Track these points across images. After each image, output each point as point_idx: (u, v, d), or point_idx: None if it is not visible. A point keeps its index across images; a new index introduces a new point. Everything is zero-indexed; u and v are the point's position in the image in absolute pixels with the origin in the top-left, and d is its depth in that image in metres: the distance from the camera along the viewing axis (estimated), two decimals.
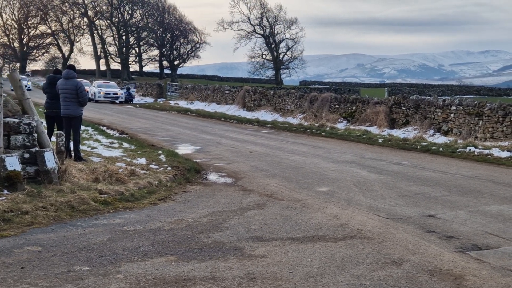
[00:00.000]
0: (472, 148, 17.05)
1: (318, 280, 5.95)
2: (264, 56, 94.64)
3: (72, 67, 14.28)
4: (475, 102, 20.12)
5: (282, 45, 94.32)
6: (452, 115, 20.81)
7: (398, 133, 21.96)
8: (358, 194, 10.82)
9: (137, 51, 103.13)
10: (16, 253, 6.81)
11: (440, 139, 20.02)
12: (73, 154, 13.50)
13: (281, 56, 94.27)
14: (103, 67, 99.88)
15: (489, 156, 16.05)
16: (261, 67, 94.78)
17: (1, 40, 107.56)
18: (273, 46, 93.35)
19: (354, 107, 26.35)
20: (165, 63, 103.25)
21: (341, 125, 25.31)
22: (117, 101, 46.49)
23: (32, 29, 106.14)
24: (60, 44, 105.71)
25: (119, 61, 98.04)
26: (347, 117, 26.31)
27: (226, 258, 6.70)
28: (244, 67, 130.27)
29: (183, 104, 43.28)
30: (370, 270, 6.33)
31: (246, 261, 6.61)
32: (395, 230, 8.10)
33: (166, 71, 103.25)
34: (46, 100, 14.63)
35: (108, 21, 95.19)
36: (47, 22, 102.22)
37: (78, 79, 14.32)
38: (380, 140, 20.33)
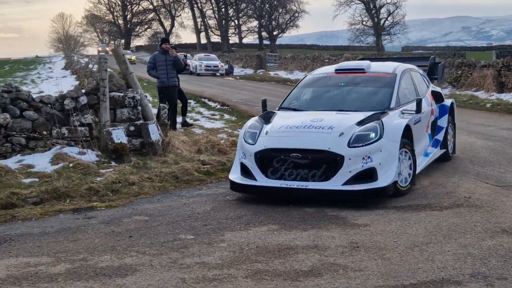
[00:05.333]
0: None
1: (423, 250, 5.78)
2: (364, 23, 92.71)
3: (166, 40, 15.24)
4: None
5: (382, 10, 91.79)
6: None
7: (507, 97, 20.93)
8: (464, 161, 10.42)
9: (236, 23, 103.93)
10: (124, 222, 7.06)
11: None
12: (178, 126, 14.07)
13: (382, 22, 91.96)
14: (203, 41, 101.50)
15: None
16: (361, 34, 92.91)
17: (107, 17, 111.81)
18: (373, 12, 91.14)
19: (459, 72, 25.36)
20: (264, 34, 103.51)
21: (446, 91, 24.41)
22: (217, 74, 47.11)
23: (135, 5, 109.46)
24: (162, 19, 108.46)
25: (219, 34, 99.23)
26: (452, 82, 25.37)
27: (328, 227, 6.64)
28: (344, 34, 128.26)
29: (282, 74, 43.20)
30: (479, 239, 6.07)
31: (349, 230, 6.52)
32: (505, 198, 7.74)
33: (265, 42, 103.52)
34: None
35: None
36: None
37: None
38: (488, 105, 19.50)
